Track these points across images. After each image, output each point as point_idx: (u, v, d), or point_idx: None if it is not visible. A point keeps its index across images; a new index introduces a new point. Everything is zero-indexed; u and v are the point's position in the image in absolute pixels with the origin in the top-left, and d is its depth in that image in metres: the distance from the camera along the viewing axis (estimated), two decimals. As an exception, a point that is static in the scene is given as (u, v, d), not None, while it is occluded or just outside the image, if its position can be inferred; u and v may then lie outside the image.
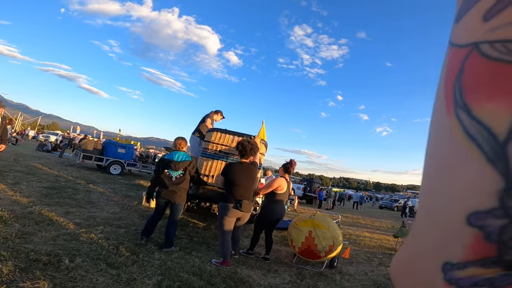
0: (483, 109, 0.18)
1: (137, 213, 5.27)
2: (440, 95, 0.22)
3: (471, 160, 0.18)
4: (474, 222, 0.18)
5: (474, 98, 0.19)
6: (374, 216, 16.88)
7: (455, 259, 0.19)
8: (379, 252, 5.96)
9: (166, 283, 2.59)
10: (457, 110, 0.20)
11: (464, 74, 0.20)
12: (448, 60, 0.22)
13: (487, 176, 0.17)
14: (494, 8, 0.19)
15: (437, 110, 0.22)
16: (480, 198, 0.17)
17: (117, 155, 10.93)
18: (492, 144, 0.17)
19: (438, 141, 0.22)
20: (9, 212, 3.68)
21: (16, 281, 2.13)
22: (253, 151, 3.57)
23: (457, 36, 0.22)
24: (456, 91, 0.20)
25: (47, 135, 31.47)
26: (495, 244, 0.17)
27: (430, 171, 0.22)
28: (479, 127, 0.18)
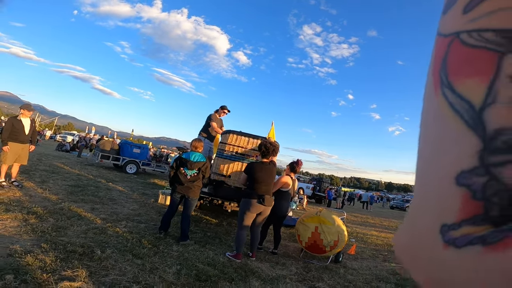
0: (464, 85, 0.22)
1: (154, 210, 5.65)
2: (429, 79, 0.26)
3: (456, 128, 0.21)
4: (462, 181, 0.20)
5: (456, 77, 0.22)
6: (383, 216, 16.91)
7: (450, 220, 0.21)
8: (385, 250, 6.16)
9: (184, 271, 2.91)
10: (443, 89, 0.23)
11: (448, 59, 0.24)
12: (436, 48, 0.26)
13: (468, 140, 0.20)
14: (472, 2, 0.22)
15: (427, 93, 0.26)
16: (464, 159, 0.20)
17: (132, 155, 11.43)
18: (471, 113, 0.20)
19: (428, 118, 0.25)
20: (42, 208, 4.10)
21: (58, 270, 2.42)
22: (275, 152, 3.92)
23: (443, 27, 0.25)
24: (442, 73, 0.24)
25: (64, 135, 32.66)
26: (481, 201, 0.19)
27: (422, 146, 0.26)
28: (461, 101, 0.21)
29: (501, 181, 0.18)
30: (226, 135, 5.32)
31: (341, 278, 3.71)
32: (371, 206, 21.97)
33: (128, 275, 2.57)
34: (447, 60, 0.24)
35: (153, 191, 8.04)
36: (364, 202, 22.40)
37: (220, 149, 5.27)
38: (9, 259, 2.41)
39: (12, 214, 3.59)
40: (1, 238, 2.86)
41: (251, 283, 2.93)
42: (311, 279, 3.48)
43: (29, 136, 5.58)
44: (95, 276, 2.42)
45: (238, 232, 3.69)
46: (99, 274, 2.51)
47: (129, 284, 2.37)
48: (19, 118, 5.48)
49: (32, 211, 3.86)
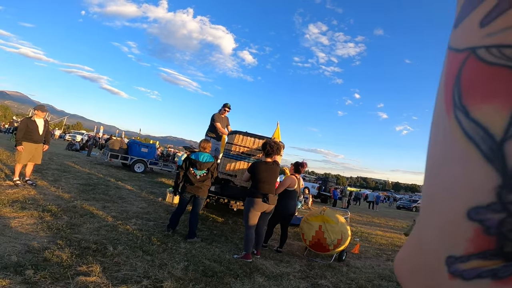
0: (480, 111, 0.19)
1: (162, 208, 5.82)
2: (440, 98, 0.23)
3: (470, 158, 0.19)
4: (474, 217, 0.19)
5: (471, 100, 0.20)
6: (389, 216, 16.86)
7: (458, 253, 0.20)
8: (389, 249, 6.22)
9: (192, 267, 3.04)
10: (456, 112, 0.21)
11: (462, 77, 0.21)
12: (447, 64, 0.23)
13: (485, 173, 0.18)
14: (490, 14, 0.20)
15: (438, 112, 0.23)
16: (479, 194, 0.18)
17: (140, 154, 11.65)
18: (489, 143, 0.18)
19: (439, 141, 0.23)
20: (56, 206, 4.28)
21: (74, 266, 2.56)
22: (278, 151, 4.02)
23: (455, 41, 0.23)
24: (455, 93, 0.21)
25: (73, 134, 33.29)
26: (494, 237, 0.18)
27: (431, 170, 0.23)
28: (477, 128, 0.19)
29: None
30: (232, 135, 5.46)
31: (343, 276, 3.80)
32: (377, 206, 21.88)
33: (138, 270, 2.72)
34: (460, 78, 0.21)
35: (160, 190, 8.23)
36: (370, 202, 22.32)
37: (227, 149, 5.41)
38: (27, 255, 2.57)
39: (28, 212, 3.77)
40: (19, 235, 3.03)
41: (256, 279, 3.05)
42: (314, 276, 3.59)
43: (42, 136, 5.78)
44: (108, 272, 2.56)
45: (246, 231, 3.77)
46: (112, 270, 2.65)
47: (140, 279, 2.51)
48: (33, 119, 5.69)
49: (47, 209, 4.05)
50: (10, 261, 2.36)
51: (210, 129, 6.14)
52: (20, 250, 2.64)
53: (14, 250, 2.60)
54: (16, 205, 3.95)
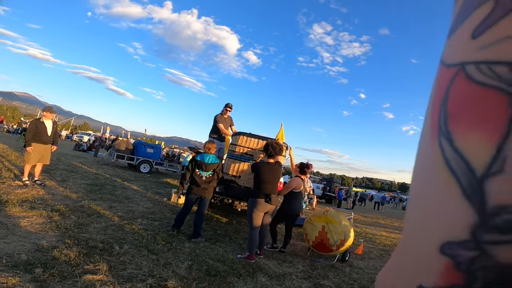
0: (465, 140, 0.18)
1: (167, 208, 5.90)
2: (427, 118, 0.22)
3: (449, 191, 0.18)
4: (447, 251, 0.18)
5: (457, 126, 0.18)
6: (395, 217, 16.75)
7: (428, 284, 0.20)
8: (393, 250, 6.17)
9: (196, 267, 3.10)
10: (440, 138, 0.19)
11: (450, 98, 0.19)
12: (437, 80, 0.22)
13: (462, 210, 0.17)
14: (483, 23, 0.18)
15: (424, 133, 0.22)
16: (454, 230, 0.18)
17: (146, 155, 11.79)
18: (469, 179, 0.17)
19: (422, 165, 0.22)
20: (64, 206, 4.38)
21: (81, 264, 2.63)
22: (280, 152, 4.05)
23: (446, 54, 0.21)
24: (441, 116, 0.19)
25: (80, 135, 33.74)
26: (464, 273, 0.18)
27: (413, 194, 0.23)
28: (459, 160, 0.18)
29: (493, 258, 0.17)
30: (236, 136, 5.52)
31: (346, 276, 3.82)
32: (383, 207, 21.75)
33: (144, 269, 2.78)
34: (448, 99, 0.19)
35: (166, 190, 8.33)
36: (375, 202, 22.19)
37: (231, 150, 5.47)
38: (37, 254, 2.65)
39: (37, 212, 3.87)
40: (29, 234, 3.12)
41: (258, 278, 3.09)
42: (317, 276, 3.62)
43: (51, 137, 5.90)
44: (114, 270, 2.63)
45: (251, 232, 3.80)
46: (118, 268, 2.72)
47: (145, 278, 2.58)
48: (42, 120, 5.82)
49: (56, 209, 4.15)
50: (20, 259, 2.44)
51: (213, 130, 6.16)
52: (29, 249, 2.73)
53: (24, 249, 2.69)
54: (25, 205, 4.05)
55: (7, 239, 2.83)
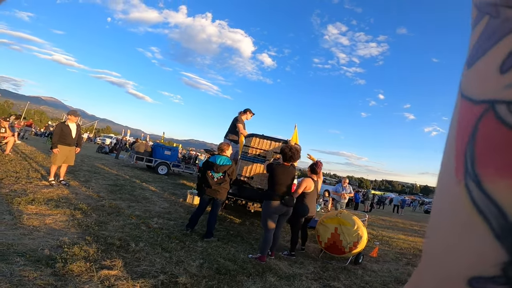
0: (495, 185, 0.16)
1: (183, 208, 6.06)
2: (450, 151, 0.21)
3: (478, 230, 0.17)
4: (476, 285, 0.18)
5: (486, 170, 0.17)
6: (415, 220, 16.23)
7: None
8: (410, 253, 6.04)
9: (207, 265, 3.18)
10: (467, 179, 0.18)
11: (477, 139, 0.18)
12: (460, 114, 0.20)
13: (493, 249, 0.17)
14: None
15: (446, 165, 0.21)
16: (484, 265, 0.17)
17: (164, 157, 12.12)
18: (500, 222, 0.16)
19: (445, 199, 0.21)
20: (86, 205, 4.62)
21: (99, 260, 2.79)
22: (298, 157, 4.10)
23: (469, 87, 0.20)
24: (467, 156, 0.18)
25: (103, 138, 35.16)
26: None
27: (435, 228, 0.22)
28: (488, 202, 0.17)
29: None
30: (249, 138, 5.60)
31: (358, 278, 3.79)
32: (403, 210, 21.10)
33: (157, 266, 2.90)
34: (475, 139, 0.18)
35: (182, 191, 8.54)
36: (395, 205, 21.57)
37: (244, 151, 5.55)
38: (58, 250, 2.83)
39: (61, 210, 4.11)
40: (53, 231, 3.33)
41: (267, 278, 3.14)
42: (327, 278, 3.61)
43: (75, 140, 6.23)
44: (129, 266, 2.77)
45: (265, 234, 3.82)
46: (132, 265, 2.85)
47: (157, 274, 2.69)
48: (66, 123, 6.15)
49: (78, 207, 4.38)
50: (43, 254, 2.62)
51: (232, 131, 6.04)
52: (52, 244, 2.92)
53: (47, 244, 2.88)
54: (51, 203, 4.31)
55: (32, 236, 3.04)
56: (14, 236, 2.91)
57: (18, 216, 3.50)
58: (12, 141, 8.56)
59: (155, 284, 2.50)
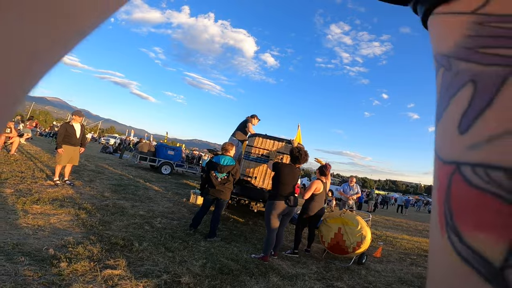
0: (474, 238, 0.16)
1: (186, 208, 6.08)
2: (434, 204, 0.20)
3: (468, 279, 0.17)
4: None
5: (464, 225, 0.17)
6: (420, 220, 16.14)
7: None
8: (414, 254, 6.01)
9: (209, 265, 3.19)
10: (448, 232, 0.18)
11: (452, 196, 0.18)
12: (436, 171, 0.20)
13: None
14: (468, 114, 0.17)
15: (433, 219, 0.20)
16: None
17: (167, 157, 12.18)
18: (488, 269, 0.16)
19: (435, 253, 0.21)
20: (91, 205, 4.66)
21: (103, 259, 2.81)
22: (305, 160, 4.10)
23: (439, 146, 0.20)
24: (446, 210, 0.18)
25: (107, 138, 35.42)
26: None
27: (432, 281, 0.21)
28: (472, 253, 0.17)
29: None
30: (252, 138, 5.60)
31: (361, 279, 3.77)
32: (407, 210, 20.99)
33: (160, 265, 2.92)
34: (450, 196, 0.18)
35: (185, 191, 8.56)
36: (399, 205, 21.46)
37: (247, 151, 5.56)
38: (63, 249, 2.85)
39: (66, 210, 4.15)
40: (57, 230, 3.36)
41: (270, 278, 3.14)
42: (330, 278, 3.60)
43: (79, 140, 6.28)
44: (132, 266, 2.79)
45: (268, 234, 3.82)
46: (136, 264, 2.87)
47: (160, 274, 2.71)
48: (71, 124, 6.20)
49: (83, 207, 4.42)
50: (47, 254, 2.65)
51: (241, 130, 6.09)
52: (57, 244, 2.94)
53: (52, 244, 2.91)
54: (55, 203, 4.35)
55: (37, 235, 3.07)
56: (19, 236, 2.94)
57: (23, 215, 3.53)
58: (17, 141, 8.65)
59: (158, 283, 2.51)
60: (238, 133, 6.12)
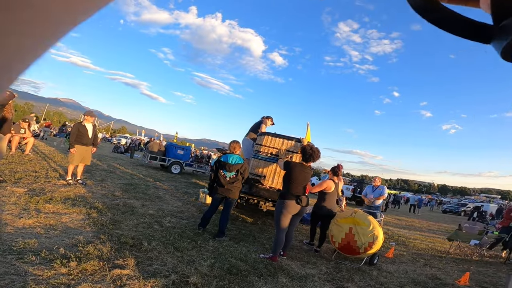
0: None
1: (195, 207, 6.10)
2: None
3: None
4: None
5: None
6: (433, 220, 15.78)
7: None
8: (428, 254, 5.86)
9: (218, 265, 3.17)
10: None
11: None
12: None
13: None
14: None
15: None
16: None
17: (177, 156, 12.26)
18: None
19: None
20: (102, 204, 4.72)
21: (112, 259, 2.83)
22: (318, 159, 4.07)
23: None
24: None
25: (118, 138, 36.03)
26: None
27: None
28: None
29: None
30: (261, 137, 5.56)
31: (372, 280, 3.69)
32: (419, 210, 20.55)
33: (168, 265, 2.91)
34: None
35: (194, 190, 8.60)
36: (411, 205, 21.03)
37: (256, 150, 5.52)
38: (73, 249, 2.88)
39: (78, 209, 4.21)
40: (69, 229, 3.40)
41: (279, 279, 3.10)
42: (341, 279, 3.53)
43: (91, 139, 6.37)
44: (141, 265, 2.79)
45: (277, 234, 3.79)
46: (144, 264, 2.87)
47: (168, 274, 2.70)
48: (83, 124, 6.30)
49: (94, 206, 4.48)
50: (58, 253, 2.68)
51: (254, 131, 6.21)
52: (67, 243, 2.98)
53: (63, 243, 2.94)
54: (67, 202, 4.42)
55: (48, 234, 3.12)
56: (31, 235, 2.99)
57: (35, 214, 3.60)
58: (32, 141, 8.86)
59: (166, 284, 2.50)
60: (251, 133, 6.18)
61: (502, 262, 5.61)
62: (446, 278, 4.23)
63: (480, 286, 4.01)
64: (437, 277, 4.20)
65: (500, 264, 5.51)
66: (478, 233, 6.18)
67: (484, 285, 4.06)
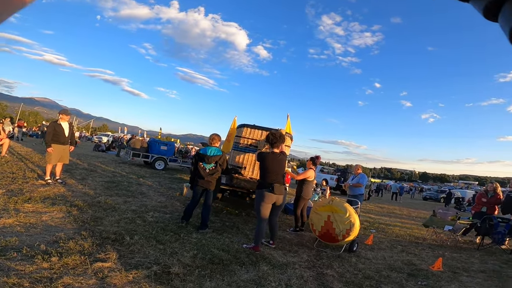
0: None
1: (179, 202, 6.12)
2: None
3: None
4: None
5: None
6: (413, 207, 16.40)
7: None
8: (405, 241, 6.14)
9: (200, 255, 3.23)
10: None
11: None
12: None
13: None
14: None
15: None
16: None
17: (160, 152, 12.16)
18: None
19: None
20: (82, 202, 4.67)
21: (94, 253, 2.85)
22: (282, 139, 4.11)
23: None
24: None
25: (99, 136, 35.07)
26: None
27: None
28: None
29: None
30: (240, 128, 5.62)
31: (351, 266, 3.86)
32: (401, 197, 21.30)
33: (150, 257, 2.96)
34: None
35: (179, 185, 8.59)
36: (393, 193, 21.77)
37: (236, 142, 5.59)
38: (54, 245, 2.88)
39: (58, 207, 4.16)
40: (49, 227, 3.38)
41: (261, 267, 3.20)
42: (321, 266, 3.68)
43: (68, 138, 6.25)
44: (123, 258, 2.83)
45: (259, 224, 3.87)
46: (126, 257, 2.90)
47: (150, 265, 2.75)
48: (59, 122, 6.16)
49: (74, 204, 4.43)
50: (39, 249, 2.68)
51: None
52: (48, 240, 2.97)
53: (44, 240, 2.93)
54: (47, 201, 4.36)
55: (29, 232, 3.09)
56: (12, 233, 2.96)
57: (15, 214, 3.54)
58: (7, 142, 8.56)
59: (148, 274, 2.56)
60: None
61: (476, 248, 5.91)
62: (421, 263, 4.44)
63: (453, 271, 4.19)
64: (413, 263, 4.41)
65: (473, 250, 5.81)
66: (451, 218, 6.44)
67: (457, 270, 4.27)
